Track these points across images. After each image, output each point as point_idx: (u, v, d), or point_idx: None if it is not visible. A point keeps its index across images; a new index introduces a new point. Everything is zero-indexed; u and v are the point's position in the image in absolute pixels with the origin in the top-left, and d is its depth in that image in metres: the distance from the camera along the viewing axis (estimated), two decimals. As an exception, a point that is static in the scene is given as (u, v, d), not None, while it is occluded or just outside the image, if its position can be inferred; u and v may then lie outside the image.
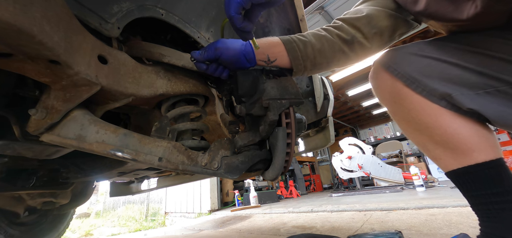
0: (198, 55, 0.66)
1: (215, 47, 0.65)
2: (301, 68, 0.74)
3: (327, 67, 0.78)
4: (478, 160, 0.58)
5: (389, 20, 0.72)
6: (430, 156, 0.69)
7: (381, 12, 0.72)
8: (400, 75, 0.66)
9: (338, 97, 7.30)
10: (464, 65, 0.59)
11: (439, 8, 0.62)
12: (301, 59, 0.72)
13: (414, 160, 5.93)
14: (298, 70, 0.74)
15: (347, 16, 0.76)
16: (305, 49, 0.72)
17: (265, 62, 0.70)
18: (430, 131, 0.64)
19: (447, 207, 1.84)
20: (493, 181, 0.58)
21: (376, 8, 0.73)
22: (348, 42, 0.73)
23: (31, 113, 0.55)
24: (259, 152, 0.66)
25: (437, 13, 0.63)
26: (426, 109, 0.63)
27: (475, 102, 0.57)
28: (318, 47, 0.73)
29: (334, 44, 0.73)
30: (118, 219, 5.85)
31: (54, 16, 0.43)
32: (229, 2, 0.53)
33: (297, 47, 0.72)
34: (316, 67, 0.75)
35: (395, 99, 0.70)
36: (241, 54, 0.67)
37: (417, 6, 0.65)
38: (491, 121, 0.58)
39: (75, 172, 1.19)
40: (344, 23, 0.74)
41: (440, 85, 0.60)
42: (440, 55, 0.62)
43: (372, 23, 0.71)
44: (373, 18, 0.72)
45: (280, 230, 1.90)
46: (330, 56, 0.74)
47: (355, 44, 0.73)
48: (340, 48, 0.73)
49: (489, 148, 0.59)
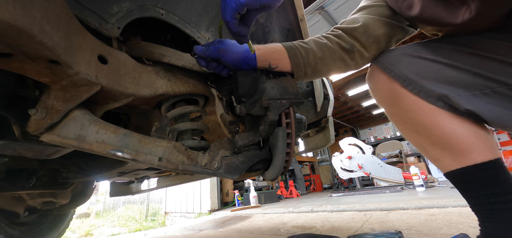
0: (200, 51, 0.66)
1: (218, 48, 0.66)
2: (301, 74, 0.75)
3: (327, 73, 0.79)
4: (477, 160, 0.59)
5: (385, 28, 0.72)
6: (428, 157, 0.69)
7: (376, 20, 0.73)
8: (397, 76, 0.67)
9: (338, 97, 7.30)
10: (460, 66, 0.59)
11: (434, 13, 0.62)
12: (302, 66, 0.73)
13: (414, 160, 5.93)
14: (299, 77, 0.76)
15: (344, 25, 0.77)
16: (307, 56, 0.73)
17: (267, 68, 0.70)
18: (428, 132, 0.65)
19: (447, 207, 1.84)
20: (492, 181, 0.58)
21: (371, 17, 0.73)
22: (348, 51, 0.74)
23: (31, 113, 0.55)
24: (259, 152, 0.66)
25: (432, 18, 0.64)
26: (424, 110, 0.64)
27: (472, 103, 0.57)
28: (320, 55, 0.73)
29: (334, 53, 0.74)
30: (118, 219, 5.85)
31: (54, 16, 0.43)
32: (225, 8, 0.54)
33: (300, 54, 0.73)
34: (316, 73, 0.77)
35: (393, 100, 0.70)
36: (243, 60, 0.67)
37: (412, 11, 0.66)
38: (488, 122, 0.58)
39: (75, 172, 1.19)
40: (342, 32, 0.75)
41: (437, 86, 0.61)
42: (437, 57, 0.63)
43: (368, 33, 0.72)
44: (369, 27, 0.72)
45: (280, 230, 1.90)
46: (330, 64, 0.75)
47: (355, 53, 0.74)
48: (341, 56, 0.74)
49: (487, 149, 0.59)
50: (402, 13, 0.70)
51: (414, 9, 0.65)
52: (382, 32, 0.72)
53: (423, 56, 0.65)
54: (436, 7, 0.61)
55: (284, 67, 0.73)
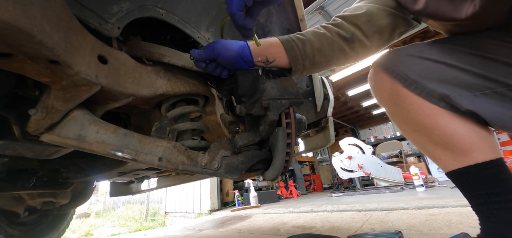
0: (197, 55, 0.67)
1: (213, 48, 0.66)
2: (299, 67, 0.74)
3: (326, 66, 0.77)
4: (478, 160, 0.59)
5: (389, 18, 0.72)
6: (430, 156, 0.69)
7: (381, 10, 0.72)
8: (399, 76, 0.67)
9: (338, 97, 7.30)
10: (462, 66, 0.59)
11: (438, 7, 0.62)
12: (300, 59, 0.72)
13: (414, 160, 5.93)
14: (297, 70, 0.74)
15: (346, 13, 0.76)
16: (304, 48, 0.72)
17: (264, 63, 0.70)
18: (429, 132, 0.65)
19: (447, 207, 1.84)
20: (493, 181, 0.58)
21: (376, 6, 0.72)
22: (348, 40, 0.72)
23: (31, 113, 0.55)
24: (259, 152, 0.66)
25: (436, 12, 0.64)
26: (425, 110, 0.64)
27: (473, 104, 0.57)
28: (318, 46, 0.72)
29: (333, 43, 0.73)
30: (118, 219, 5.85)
31: (54, 16, 0.43)
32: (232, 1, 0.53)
33: (296, 47, 0.72)
34: (315, 66, 0.75)
35: (394, 100, 0.70)
36: (238, 56, 0.67)
37: (417, 5, 0.66)
38: (489, 122, 0.58)
39: (75, 172, 1.19)
40: (343, 21, 0.74)
41: (439, 86, 0.61)
42: (439, 57, 0.63)
43: (372, 22, 0.71)
44: (373, 15, 0.71)
45: (280, 230, 1.90)
46: (329, 55, 0.74)
47: (356, 42, 0.73)
48: (340, 46, 0.73)
49: (489, 148, 0.59)
50: (407, 6, 0.69)
51: (419, 3, 0.65)
52: (386, 23, 0.72)
53: (425, 56, 0.65)
54: (441, 1, 0.61)
55: (281, 61, 0.72)
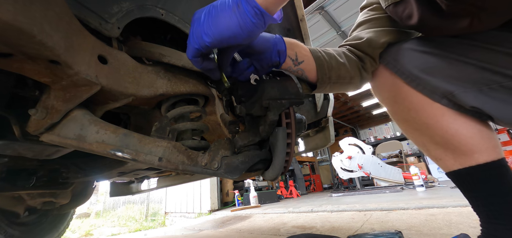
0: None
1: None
2: (326, 78, 0.69)
3: (349, 83, 0.73)
4: (480, 161, 0.58)
5: (389, 36, 0.71)
6: (431, 156, 0.69)
7: (379, 32, 0.71)
8: (400, 72, 0.65)
9: (338, 97, 7.30)
10: (466, 60, 0.57)
11: (432, 23, 0.61)
12: (326, 69, 0.68)
13: (414, 160, 5.93)
14: (323, 81, 0.69)
15: (350, 42, 0.75)
16: (330, 60, 0.69)
17: (293, 61, 0.66)
18: (430, 131, 0.64)
19: (447, 207, 1.84)
20: (494, 182, 0.57)
21: (374, 30, 0.72)
22: (361, 59, 0.72)
23: (31, 113, 0.55)
24: (259, 152, 0.66)
25: (430, 28, 0.63)
26: (427, 108, 0.62)
27: (478, 100, 0.55)
28: (342, 61, 0.70)
29: (353, 61, 0.72)
30: (118, 219, 5.84)
31: (54, 16, 0.43)
32: (188, 46, 0.51)
33: (323, 57, 0.69)
34: (340, 80, 0.71)
35: (395, 98, 0.69)
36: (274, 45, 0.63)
37: (411, 21, 0.64)
38: (495, 119, 0.57)
39: (75, 172, 1.19)
40: (351, 47, 0.74)
41: (442, 82, 0.59)
42: (441, 51, 0.61)
43: (373, 44, 0.70)
44: (372, 40, 0.71)
45: (280, 230, 1.90)
46: (352, 72, 0.71)
47: (367, 63, 0.72)
48: (357, 65, 0.72)
49: (490, 149, 0.58)
50: (402, 22, 0.68)
51: (412, 19, 0.63)
52: (387, 40, 0.71)
53: (428, 50, 0.63)
54: (435, 18, 0.59)
55: (309, 66, 0.67)
